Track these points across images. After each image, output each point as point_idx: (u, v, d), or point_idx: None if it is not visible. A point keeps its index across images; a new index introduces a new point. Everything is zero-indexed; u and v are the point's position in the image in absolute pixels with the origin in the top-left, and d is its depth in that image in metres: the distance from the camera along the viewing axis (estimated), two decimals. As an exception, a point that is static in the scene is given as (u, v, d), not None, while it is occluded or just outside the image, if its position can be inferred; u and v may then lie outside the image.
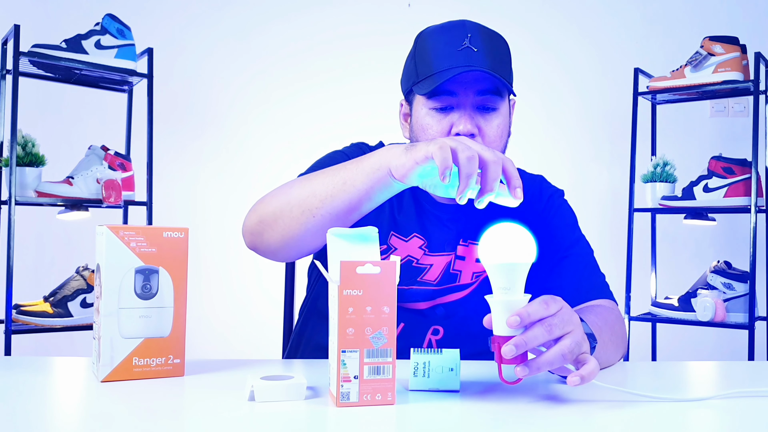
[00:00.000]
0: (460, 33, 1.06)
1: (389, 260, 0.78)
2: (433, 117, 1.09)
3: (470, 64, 1.04)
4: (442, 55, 1.05)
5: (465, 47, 1.05)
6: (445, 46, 1.06)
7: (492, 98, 1.08)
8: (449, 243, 1.16)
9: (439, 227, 1.17)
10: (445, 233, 1.16)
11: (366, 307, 0.77)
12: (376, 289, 0.77)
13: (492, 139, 1.09)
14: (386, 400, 0.78)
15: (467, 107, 1.07)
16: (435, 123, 1.08)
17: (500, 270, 0.77)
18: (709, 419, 0.78)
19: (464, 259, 1.15)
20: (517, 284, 0.77)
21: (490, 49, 1.06)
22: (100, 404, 0.80)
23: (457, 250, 1.16)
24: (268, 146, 2.85)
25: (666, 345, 2.52)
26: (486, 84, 1.06)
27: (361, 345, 0.77)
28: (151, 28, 2.59)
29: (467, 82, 1.05)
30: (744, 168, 2.18)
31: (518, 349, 0.75)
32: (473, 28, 1.08)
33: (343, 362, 0.77)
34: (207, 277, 2.60)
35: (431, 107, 1.08)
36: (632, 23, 2.83)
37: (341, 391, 0.77)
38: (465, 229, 1.17)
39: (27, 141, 1.96)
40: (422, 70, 1.08)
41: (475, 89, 1.07)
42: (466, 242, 1.16)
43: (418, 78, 1.09)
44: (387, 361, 0.78)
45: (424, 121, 1.09)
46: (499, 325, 0.78)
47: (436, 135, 1.07)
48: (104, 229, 0.87)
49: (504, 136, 1.13)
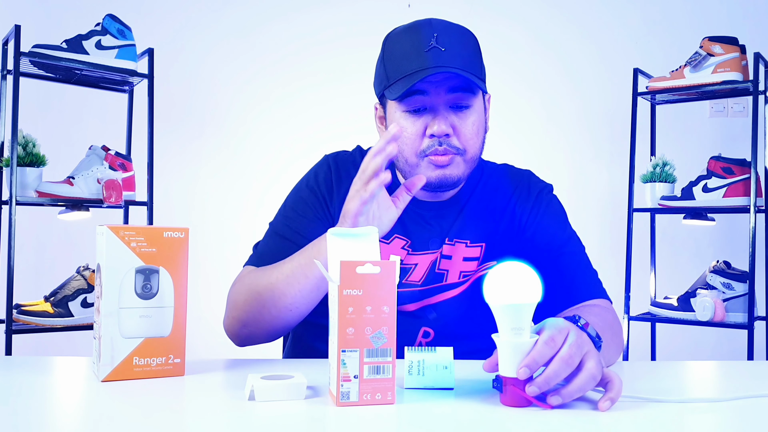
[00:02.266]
0: (427, 33, 1.05)
1: (389, 260, 0.78)
2: (406, 119, 1.08)
3: (439, 64, 1.03)
4: (410, 57, 1.05)
5: (432, 47, 1.04)
6: (412, 47, 1.05)
7: (464, 96, 1.07)
8: (433, 241, 1.15)
9: (422, 225, 1.16)
10: (429, 231, 1.15)
11: (366, 306, 0.77)
12: (376, 288, 0.77)
13: (468, 137, 1.08)
14: (386, 399, 0.78)
15: (440, 107, 1.06)
16: (409, 125, 1.08)
17: (507, 311, 0.77)
18: (708, 420, 0.78)
19: (450, 258, 1.14)
20: (524, 324, 0.77)
21: (457, 47, 1.06)
22: (100, 404, 0.81)
23: (443, 249, 1.15)
24: (268, 146, 2.85)
25: (665, 345, 2.53)
26: (457, 82, 1.06)
27: (361, 344, 0.77)
28: (151, 29, 2.59)
29: (438, 82, 1.05)
30: (743, 168, 2.19)
31: (541, 389, 0.75)
32: (439, 27, 1.07)
33: (343, 362, 0.77)
34: (207, 277, 2.60)
35: (404, 110, 1.08)
36: (632, 23, 2.83)
37: (341, 390, 0.77)
38: (450, 227, 1.16)
39: (28, 141, 1.96)
40: (392, 74, 1.07)
41: (446, 88, 1.06)
42: (452, 241, 1.15)
43: (389, 81, 1.08)
44: (387, 361, 0.78)
45: (399, 124, 1.08)
46: (506, 366, 0.78)
47: (411, 137, 1.08)
48: (105, 229, 0.87)
49: (480, 133, 1.12)
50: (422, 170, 1.08)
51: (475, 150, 1.10)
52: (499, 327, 0.79)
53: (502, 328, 0.78)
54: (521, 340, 0.77)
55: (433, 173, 1.08)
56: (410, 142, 1.08)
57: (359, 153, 1.23)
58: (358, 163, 1.16)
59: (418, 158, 1.08)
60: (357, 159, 1.20)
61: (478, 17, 2.88)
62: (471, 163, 1.11)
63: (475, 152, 1.11)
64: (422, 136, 1.07)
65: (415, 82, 1.02)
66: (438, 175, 1.08)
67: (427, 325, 1.13)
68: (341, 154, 1.23)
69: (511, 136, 2.80)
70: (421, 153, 1.08)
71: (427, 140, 1.07)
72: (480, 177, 1.21)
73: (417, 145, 1.08)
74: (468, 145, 1.08)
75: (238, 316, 1.10)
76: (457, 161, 1.08)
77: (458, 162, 1.08)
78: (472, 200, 1.19)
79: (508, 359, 0.77)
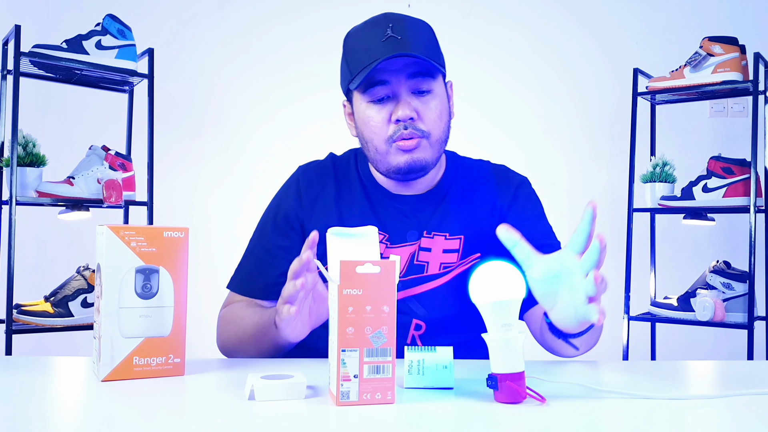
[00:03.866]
0: (383, 25, 1.10)
1: (389, 259, 0.80)
2: (371, 109, 1.13)
3: (396, 50, 1.07)
4: (369, 49, 1.09)
5: (389, 37, 1.08)
6: (370, 40, 1.10)
7: (424, 80, 1.12)
8: (411, 234, 1.18)
9: (399, 219, 1.19)
10: (406, 224, 1.18)
11: (366, 306, 0.77)
12: (376, 288, 0.77)
13: (431, 121, 1.13)
14: (386, 399, 0.78)
15: (402, 93, 1.11)
16: (375, 114, 1.13)
17: (495, 308, 0.79)
18: (708, 418, 0.78)
19: (430, 250, 1.17)
20: (512, 320, 0.79)
21: (413, 34, 1.10)
22: (100, 404, 0.81)
23: (421, 242, 1.17)
24: (268, 146, 2.85)
25: (665, 345, 2.52)
26: (415, 67, 1.10)
27: (360, 344, 0.77)
28: (151, 29, 2.59)
29: (397, 69, 1.09)
30: (743, 168, 2.19)
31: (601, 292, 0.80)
32: (394, 19, 1.12)
33: (342, 361, 0.77)
34: (207, 277, 2.60)
35: (369, 100, 1.13)
36: (632, 23, 2.83)
37: (341, 390, 0.77)
38: (429, 220, 1.19)
39: (28, 141, 1.96)
40: (353, 68, 1.12)
41: (406, 74, 1.10)
42: (430, 234, 1.18)
43: (351, 75, 1.13)
44: (387, 360, 0.78)
45: (365, 114, 1.14)
46: (498, 363, 0.79)
47: (378, 125, 1.13)
48: (105, 228, 0.87)
49: (444, 117, 1.15)
50: (391, 157, 1.13)
51: (439, 133, 1.15)
52: (487, 325, 0.80)
53: (492, 326, 0.79)
54: (511, 335, 0.78)
55: (401, 158, 1.13)
56: (378, 130, 1.13)
57: (331, 161, 1.27)
58: (329, 171, 1.24)
59: (387, 145, 1.13)
60: (328, 167, 1.26)
61: (478, 17, 2.88)
62: (437, 146, 1.15)
63: (440, 135, 1.15)
64: (388, 122, 1.12)
65: (375, 66, 1.06)
66: (407, 160, 1.13)
67: (418, 317, 1.15)
68: (312, 165, 1.28)
69: (511, 136, 2.80)
70: (389, 139, 1.13)
71: (393, 126, 1.12)
72: (457, 171, 1.25)
73: (384, 132, 1.13)
74: (432, 128, 1.13)
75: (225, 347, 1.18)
76: (424, 144, 1.13)
77: (425, 145, 1.13)
78: (450, 194, 1.22)
79: (500, 356, 0.78)
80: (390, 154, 1.13)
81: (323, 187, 1.23)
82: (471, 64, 2.81)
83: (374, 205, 1.21)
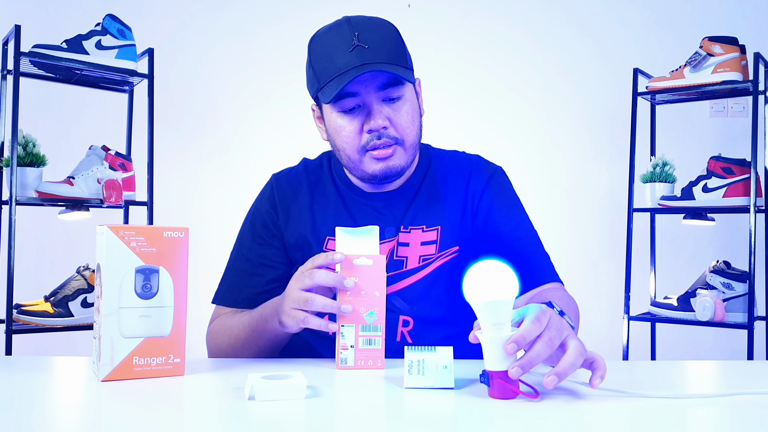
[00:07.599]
0: (348, 33, 1.08)
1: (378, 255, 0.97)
2: (342, 119, 1.12)
3: (365, 61, 1.06)
4: (335, 58, 1.08)
5: (355, 46, 1.07)
6: (336, 48, 1.08)
7: (395, 89, 1.11)
8: (389, 230, 1.18)
9: (375, 216, 1.19)
10: (382, 221, 1.18)
11: (361, 291, 0.96)
12: (369, 276, 0.96)
13: (404, 127, 1.12)
14: (377, 365, 0.96)
15: (373, 103, 1.10)
16: (346, 124, 1.12)
17: (488, 308, 0.79)
18: (708, 418, 0.78)
19: (408, 245, 1.17)
20: (504, 318, 0.80)
21: (380, 42, 1.08)
22: (100, 404, 0.81)
23: (399, 237, 1.18)
24: (268, 146, 2.85)
25: (665, 345, 2.53)
26: (385, 78, 1.09)
27: (356, 321, 0.96)
28: (151, 29, 2.59)
29: (366, 81, 1.08)
30: (743, 168, 2.19)
31: (524, 369, 0.77)
32: (359, 25, 1.09)
33: (342, 334, 0.96)
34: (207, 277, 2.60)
35: (339, 110, 1.12)
36: (632, 23, 2.83)
37: (341, 356, 0.96)
38: (404, 215, 1.19)
39: (28, 141, 1.96)
40: (321, 76, 1.10)
41: (376, 86, 1.09)
42: (407, 228, 1.18)
43: (319, 84, 1.11)
44: (377, 335, 0.96)
45: (336, 124, 1.13)
46: (491, 360, 0.80)
47: (350, 135, 1.11)
48: (104, 228, 0.87)
49: (416, 121, 1.15)
50: (366, 165, 1.13)
51: (413, 138, 1.14)
52: (480, 324, 0.81)
53: (484, 325, 0.80)
54: (503, 334, 0.79)
55: (376, 166, 1.12)
56: (350, 140, 1.12)
57: (303, 166, 1.28)
58: (302, 177, 1.24)
59: (360, 154, 1.13)
60: (301, 173, 1.26)
61: (478, 17, 2.88)
62: (411, 151, 1.15)
63: (414, 140, 1.14)
64: (360, 132, 1.11)
65: (344, 85, 1.05)
66: (382, 168, 1.12)
67: (403, 313, 1.15)
68: (284, 173, 1.28)
69: (512, 136, 2.80)
70: (361, 149, 1.12)
71: (366, 135, 1.11)
72: (429, 163, 1.25)
73: (356, 142, 1.12)
74: (405, 134, 1.12)
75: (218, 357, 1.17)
76: (399, 151, 1.13)
77: (399, 152, 1.13)
78: (423, 187, 1.22)
79: (493, 353, 0.79)
80: (364, 162, 1.13)
81: (297, 193, 1.23)
82: (471, 64, 2.81)
83: (349, 205, 1.21)
